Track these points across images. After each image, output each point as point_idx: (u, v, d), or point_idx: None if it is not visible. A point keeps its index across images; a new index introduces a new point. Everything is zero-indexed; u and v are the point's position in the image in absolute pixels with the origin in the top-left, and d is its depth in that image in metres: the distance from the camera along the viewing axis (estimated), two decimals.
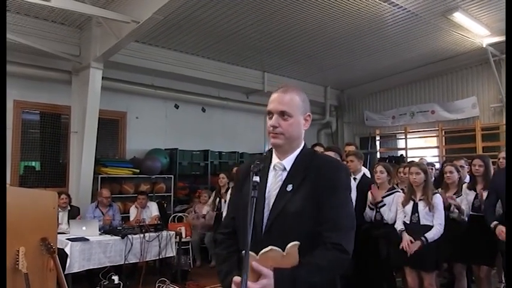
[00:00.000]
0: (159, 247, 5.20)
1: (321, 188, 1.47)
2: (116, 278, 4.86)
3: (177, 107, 8.30)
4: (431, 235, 3.67)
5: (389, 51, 7.86)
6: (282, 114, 1.52)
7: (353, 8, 6.04)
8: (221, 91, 8.62)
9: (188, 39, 6.95)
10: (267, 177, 1.56)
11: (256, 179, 1.39)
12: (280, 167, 1.56)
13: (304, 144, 1.62)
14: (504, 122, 8.24)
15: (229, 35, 6.83)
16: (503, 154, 4.24)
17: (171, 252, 5.34)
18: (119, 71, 7.11)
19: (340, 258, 1.41)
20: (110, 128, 7.45)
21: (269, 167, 1.58)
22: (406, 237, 3.72)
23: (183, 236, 6.06)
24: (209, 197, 6.72)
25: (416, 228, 3.75)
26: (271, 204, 1.50)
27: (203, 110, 8.60)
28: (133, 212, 6.20)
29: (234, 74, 8.39)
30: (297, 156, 1.57)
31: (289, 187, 1.49)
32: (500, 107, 8.32)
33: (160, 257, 5.28)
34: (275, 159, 1.59)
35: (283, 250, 1.35)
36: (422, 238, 3.66)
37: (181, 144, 7.90)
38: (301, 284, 1.33)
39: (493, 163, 4.45)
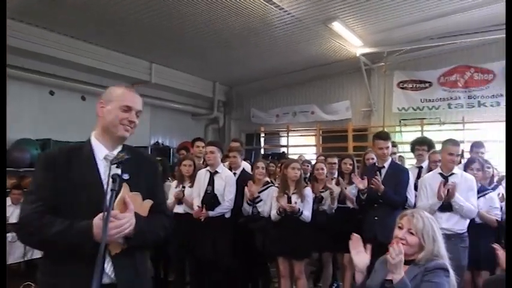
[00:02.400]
0: (25, 248, 4.73)
1: (150, 176, 1.85)
2: None
3: (52, 93, 7.57)
4: (304, 213, 4.00)
5: (276, 53, 8.26)
6: (137, 112, 1.78)
7: (242, 7, 6.19)
8: (104, 79, 8.05)
9: (68, 19, 6.36)
10: (97, 166, 1.71)
11: (118, 171, 1.53)
12: (112, 157, 1.73)
13: None
14: (372, 124, 9.32)
15: (116, 20, 6.44)
16: (371, 155, 4.74)
17: (38, 253, 4.85)
18: None
19: (168, 222, 1.89)
20: None
21: (93, 156, 1.73)
22: (285, 203, 4.00)
23: None
24: None
25: (290, 218, 4.02)
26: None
27: (83, 99, 7.98)
28: None
29: (120, 62, 7.98)
30: (122, 148, 1.80)
31: (126, 176, 1.68)
32: (369, 112, 9.37)
33: (26, 258, 4.83)
34: (102, 150, 1.75)
35: None
36: (299, 207, 3.97)
37: (56, 134, 7.19)
38: (154, 229, 1.75)
39: (358, 161, 4.99)
